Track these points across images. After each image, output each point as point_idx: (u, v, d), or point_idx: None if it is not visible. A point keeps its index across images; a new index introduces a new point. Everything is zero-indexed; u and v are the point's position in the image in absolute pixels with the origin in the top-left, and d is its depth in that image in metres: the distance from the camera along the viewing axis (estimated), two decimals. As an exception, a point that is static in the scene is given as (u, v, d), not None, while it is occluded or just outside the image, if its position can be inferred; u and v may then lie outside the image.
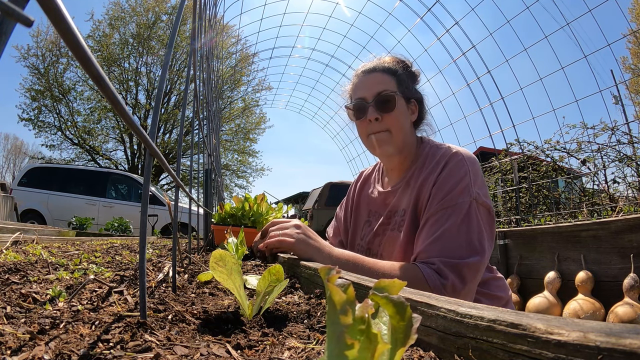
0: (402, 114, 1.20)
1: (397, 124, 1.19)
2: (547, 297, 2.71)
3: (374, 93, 1.19)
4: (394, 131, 1.18)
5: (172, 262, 0.85)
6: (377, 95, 1.18)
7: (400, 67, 1.25)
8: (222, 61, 13.87)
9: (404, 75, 1.23)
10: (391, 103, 1.17)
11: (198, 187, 3.24)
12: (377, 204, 1.33)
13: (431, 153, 1.20)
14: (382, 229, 1.26)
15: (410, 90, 1.24)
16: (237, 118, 18.87)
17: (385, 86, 1.19)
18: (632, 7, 14.95)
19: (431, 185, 1.11)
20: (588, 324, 0.30)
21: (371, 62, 1.29)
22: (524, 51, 7.35)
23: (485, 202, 1.07)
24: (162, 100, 1.74)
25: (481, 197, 1.06)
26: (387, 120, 1.18)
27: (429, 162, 1.18)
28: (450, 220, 1.02)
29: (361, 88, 1.22)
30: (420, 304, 0.46)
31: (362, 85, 1.22)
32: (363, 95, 1.21)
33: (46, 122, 16.04)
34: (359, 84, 1.24)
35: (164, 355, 0.41)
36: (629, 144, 5.06)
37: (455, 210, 1.03)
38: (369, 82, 1.21)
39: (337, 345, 0.22)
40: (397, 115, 1.18)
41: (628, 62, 15.92)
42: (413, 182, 1.19)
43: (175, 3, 16.03)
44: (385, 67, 1.23)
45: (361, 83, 1.23)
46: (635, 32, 8.67)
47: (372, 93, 1.19)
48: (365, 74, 1.24)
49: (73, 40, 0.23)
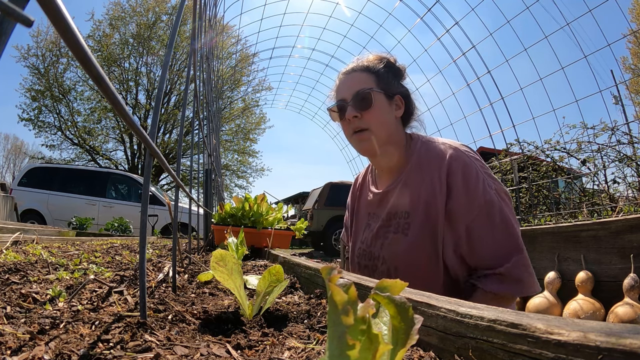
0: (383, 109, 1.20)
1: (377, 120, 1.19)
2: (547, 297, 2.71)
3: (352, 92, 1.20)
4: (374, 127, 1.19)
5: (172, 262, 0.85)
6: (355, 94, 1.20)
7: (381, 65, 1.26)
8: (222, 61, 13.87)
9: (383, 72, 1.24)
10: (368, 100, 1.18)
11: (198, 187, 3.24)
12: (374, 205, 1.32)
13: (425, 150, 1.20)
14: (383, 231, 1.24)
15: (392, 85, 1.24)
16: (237, 118, 18.87)
17: (362, 84, 1.20)
18: (632, 7, 14.96)
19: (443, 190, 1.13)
20: (588, 324, 0.30)
21: (351, 63, 1.31)
22: (524, 51, 7.35)
23: (501, 188, 1.13)
24: (162, 100, 1.74)
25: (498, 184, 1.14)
26: (367, 117, 1.19)
27: (425, 160, 1.18)
28: (493, 224, 1.08)
29: (341, 89, 1.25)
30: (420, 304, 0.46)
31: (342, 86, 1.25)
32: (343, 96, 1.23)
33: (46, 122, 16.05)
34: (339, 85, 1.27)
35: (164, 355, 0.41)
36: (629, 144, 5.06)
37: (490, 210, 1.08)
38: (347, 82, 1.24)
39: (338, 345, 0.22)
40: (376, 111, 1.19)
41: (628, 62, 15.93)
42: (411, 183, 1.18)
43: (175, 3, 16.02)
44: (363, 65, 1.25)
45: (341, 84, 1.26)
46: (635, 32, 8.67)
47: (351, 93, 1.21)
48: (345, 75, 1.27)
49: (73, 40, 0.23)
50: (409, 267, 1.15)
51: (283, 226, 1.99)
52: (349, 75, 1.26)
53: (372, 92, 1.19)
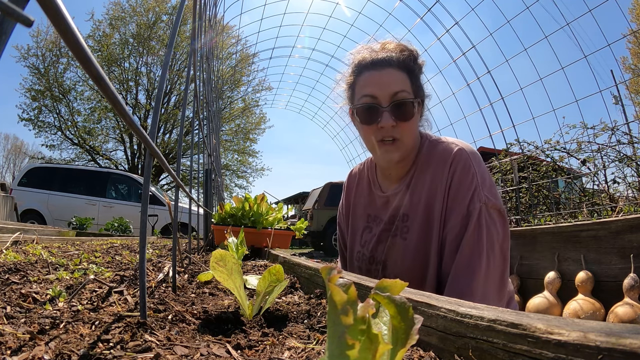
0: (417, 119, 1.09)
1: (411, 132, 1.07)
2: (547, 297, 2.71)
3: (390, 94, 1.03)
4: (406, 139, 1.07)
5: (172, 262, 0.85)
6: (394, 96, 1.03)
7: (412, 62, 1.09)
8: (222, 61, 13.87)
9: (416, 72, 1.09)
10: (409, 110, 1.04)
11: (198, 187, 3.24)
12: (378, 208, 1.23)
13: (431, 151, 1.12)
14: (385, 235, 1.18)
15: (421, 89, 1.11)
16: (237, 118, 18.88)
17: (401, 86, 1.04)
18: (632, 7, 14.95)
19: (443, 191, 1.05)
20: (588, 324, 0.30)
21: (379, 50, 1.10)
22: (524, 51, 7.34)
23: (495, 204, 1.01)
24: (162, 100, 1.74)
25: (490, 199, 1.01)
26: (402, 128, 1.05)
27: (431, 161, 1.10)
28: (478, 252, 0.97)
29: (371, 84, 1.05)
30: (420, 304, 0.46)
31: (374, 82, 1.05)
32: (375, 94, 1.04)
33: (46, 122, 16.05)
34: (369, 78, 1.06)
35: (164, 355, 0.41)
36: (629, 144, 5.06)
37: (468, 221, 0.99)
38: (382, 79, 1.04)
39: (338, 345, 0.22)
40: (413, 123, 1.07)
41: (628, 62, 15.92)
42: (414, 184, 1.12)
43: (175, 3, 16.02)
44: (398, 60, 1.06)
45: (372, 79, 1.06)
46: (635, 32, 8.67)
47: (387, 94, 1.03)
48: (376, 70, 1.06)
49: (73, 40, 0.23)
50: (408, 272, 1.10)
51: (283, 226, 1.99)
52: (383, 71, 1.05)
53: (414, 101, 1.05)
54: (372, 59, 1.08)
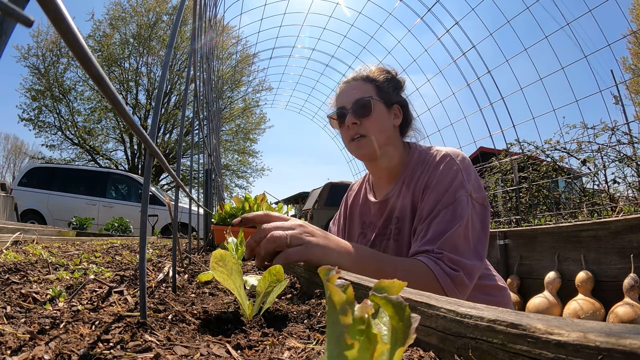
0: (382, 117, 1.23)
1: (376, 127, 1.21)
2: (547, 297, 2.71)
3: (352, 100, 1.23)
4: (373, 134, 1.21)
5: (172, 262, 0.85)
6: (355, 101, 1.22)
7: (382, 76, 1.29)
8: (222, 61, 13.87)
9: (384, 83, 1.27)
10: (367, 107, 1.21)
11: (198, 187, 3.24)
12: (372, 214, 1.33)
13: (420, 158, 1.22)
14: (379, 239, 1.26)
15: (391, 95, 1.27)
16: (237, 118, 18.89)
17: (362, 93, 1.23)
18: (632, 7, 14.96)
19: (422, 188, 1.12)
20: (588, 324, 0.30)
21: (352, 73, 1.35)
22: (524, 51, 7.35)
23: (478, 197, 1.09)
24: (162, 100, 1.74)
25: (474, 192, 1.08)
26: (366, 125, 1.21)
27: (419, 167, 1.19)
28: (454, 218, 1.01)
29: (341, 97, 1.28)
30: (419, 304, 0.46)
31: (342, 94, 1.28)
32: (343, 104, 1.26)
33: (46, 122, 16.06)
34: (340, 93, 1.30)
35: (164, 355, 0.41)
36: (629, 144, 5.06)
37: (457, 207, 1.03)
38: (348, 91, 1.27)
39: (336, 345, 0.22)
40: (375, 118, 1.21)
41: (628, 62, 15.94)
42: (405, 189, 1.20)
43: (175, 3, 16.03)
44: (363, 75, 1.29)
45: (342, 92, 1.29)
46: (635, 32, 8.67)
47: (351, 100, 1.24)
48: (345, 84, 1.30)
49: (73, 40, 0.23)
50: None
51: (283, 226, 1.98)
52: (350, 84, 1.29)
53: (371, 100, 1.21)
54: (345, 80, 1.33)
